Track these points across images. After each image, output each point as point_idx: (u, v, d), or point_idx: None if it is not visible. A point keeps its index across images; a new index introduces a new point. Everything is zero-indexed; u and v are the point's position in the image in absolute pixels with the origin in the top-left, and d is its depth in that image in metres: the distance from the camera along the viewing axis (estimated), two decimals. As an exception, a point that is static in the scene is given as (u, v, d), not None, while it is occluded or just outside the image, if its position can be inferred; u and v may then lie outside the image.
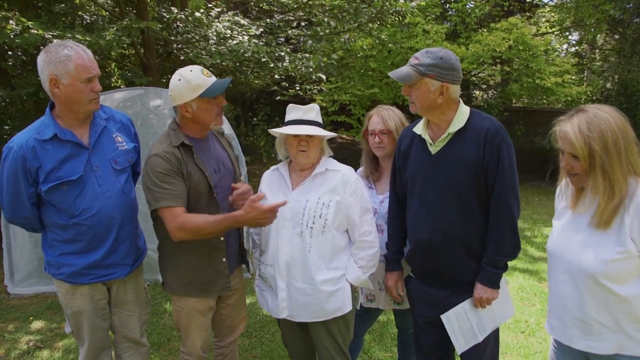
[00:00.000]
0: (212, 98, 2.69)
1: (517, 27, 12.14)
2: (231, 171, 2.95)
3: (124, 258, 2.82)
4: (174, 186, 2.60)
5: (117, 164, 2.78)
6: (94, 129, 2.74)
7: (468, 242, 2.64)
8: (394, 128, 3.15)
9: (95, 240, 2.71)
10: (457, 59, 2.57)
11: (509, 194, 2.55)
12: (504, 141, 2.55)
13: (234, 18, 8.53)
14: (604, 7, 14.22)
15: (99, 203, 2.68)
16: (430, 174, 2.68)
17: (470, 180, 2.57)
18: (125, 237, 2.80)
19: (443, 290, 2.75)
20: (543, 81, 12.64)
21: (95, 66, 2.61)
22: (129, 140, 2.91)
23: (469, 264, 2.66)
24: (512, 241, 2.59)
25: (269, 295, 2.92)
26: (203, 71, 2.69)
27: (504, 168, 2.53)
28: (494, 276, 2.62)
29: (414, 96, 2.60)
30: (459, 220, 2.62)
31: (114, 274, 2.81)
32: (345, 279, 2.82)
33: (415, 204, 2.78)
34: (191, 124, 2.76)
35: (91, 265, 2.73)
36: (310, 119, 2.81)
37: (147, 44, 9.09)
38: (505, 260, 2.62)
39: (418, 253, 2.80)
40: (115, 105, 5.84)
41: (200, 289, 2.84)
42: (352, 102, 11.82)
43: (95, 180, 2.69)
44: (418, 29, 11.08)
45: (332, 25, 9.11)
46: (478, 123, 2.60)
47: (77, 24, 7.97)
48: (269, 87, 12.37)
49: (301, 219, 2.75)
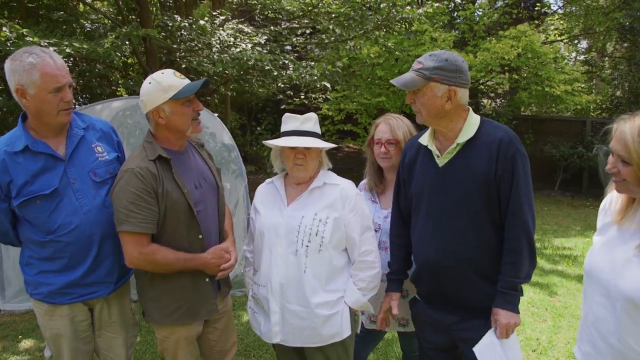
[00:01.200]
0: (186, 101, 2.52)
1: (526, 35, 11.98)
2: (214, 185, 2.76)
3: (106, 275, 2.63)
4: (144, 210, 2.43)
5: (97, 175, 2.59)
6: (71, 139, 2.55)
7: (479, 263, 2.43)
8: (402, 138, 2.95)
9: (75, 257, 2.52)
10: (463, 60, 2.38)
11: (525, 209, 2.34)
12: (519, 152, 2.34)
13: (238, 26, 8.41)
14: (614, 15, 14.05)
15: (78, 218, 2.50)
16: (437, 188, 2.48)
17: (482, 195, 2.37)
18: (107, 254, 2.61)
19: (451, 314, 2.54)
20: (552, 89, 12.48)
21: (65, 74, 2.41)
22: (110, 149, 2.72)
23: (481, 287, 2.44)
24: (529, 261, 2.38)
25: (262, 318, 2.72)
26: (175, 73, 2.54)
27: (518, 181, 2.32)
28: (515, 299, 2.40)
29: (420, 103, 2.40)
30: (469, 239, 2.41)
31: (95, 293, 2.61)
32: (344, 301, 2.63)
33: (420, 221, 2.58)
34: (166, 132, 2.57)
35: (71, 284, 2.54)
36: (307, 130, 2.63)
37: (150, 52, 9.00)
38: (523, 282, 2.41)
39: (424, 274, 2.60)
40: (114, 115, 5.72)
41: (185, 316, 2.64)
42: (359, 111, 11.73)
43: (72, 193, 2.50)
44: (426, 37, 10.94)
45: (337, 32, 8.96)
46: (490, 133, 2.40)
47: (77, 32, 7.87)
48: (274, 96, 12.27)
49: (296, 236, 2.56)
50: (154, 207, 2.45)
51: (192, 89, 2.50)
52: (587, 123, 14.41)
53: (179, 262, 2.52)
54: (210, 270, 2.64)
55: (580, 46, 19.84)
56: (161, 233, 2.51)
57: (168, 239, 2.53)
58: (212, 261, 2.61)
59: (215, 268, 2.64)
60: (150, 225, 2.45)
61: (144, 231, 2.43)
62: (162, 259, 2.48)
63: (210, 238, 2.67)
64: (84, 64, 9.09)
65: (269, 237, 2.62)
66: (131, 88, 7.97)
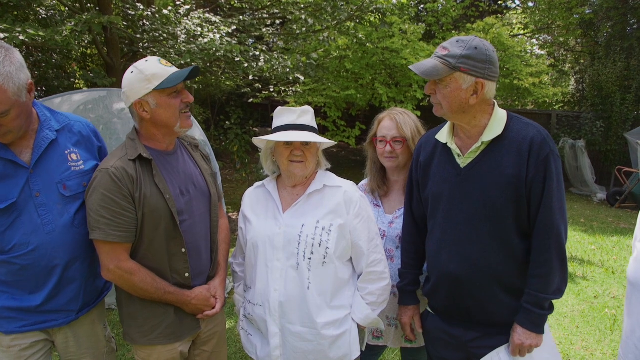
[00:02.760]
0: (173, 92, 2.19)
1: (494, 28, 11.95)
2: (205, 192, 2.42)
3: (68, 303, 2.24)
4: (117, 217, 2.11)
5: (67, 189, 2.19)
6: (38, 143, 2.14)
7: (505, 276, 2.17)
8: (410, 136, 2.67)
9: (31, 283, 2.14)
10: (494, 50, 2.09)
11: (557, 217, 2.08)
12: (553, 153, 2.07)
13: (204, 15, 8.02)
14: (578, 10, 14.21)
15: (38, 238, 2.10)
16: (459, 192, 2.21)
17: (510, 201, 2.10)
18: (73, 278, 2.22)
19: (471, 330, 2.28)
20: (520, 82, 12.50)
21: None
22: (88, 157, 2.32)
23: (506, 302, 2.19)
24: (561, 275, 2.12)
25: (258, 341, 2.41)
26: (161, 61, 2.21)
27: (551, 186, 2.05)
28: (539, 318, 2.12)
29: (441, 95, 2.11)
30: (494, 250, 2.15)
31: (54, 322, 2.23)
32: (351, 318, 2.35)
33: (438, 228, 2.30)
34: (152, 128, 2.24)
35: (26, 311, 2.15)
36: (305, 124, 2.32)
37: (111, 42, 8.49)
38: (553, 298, 2.13)
39: (442, 288, 2.33)
40: (75, 109, 5.27)
41: (165, 335, 2.30)
42: (327, 105, 11.43)
43: (34, 209, 2.10)
44: (394, 29, 10.74)
45: (309, 23, 8.65)
46: (519, 131, 2.12)
47: (31, 18, 7.31)
48: (239, 89, 11.88)
49: (296, 248, 2.26)
50: (130, 214, 2.14)
51: (179, 78, 2.16)
52: (552, 116, 14.57)
53: (157, 292, 2.22)
54: (190, 311, 2.33)
55: (542, 39, 20.08)
56: (138, 243, 2.20)
57: (146, 250, 2.22)
58: (193, 303, 2.31)
59: (196, 311, 2.34)
60: (124, 234, 2.13)
61: (116, 240, 2.12)
62: (140, 282, 2.18)
63: (196, 253, 2.34)
64: (39, 54, 8.50)
65: (264, 250, 2.31)
66: (91, 80, 7.47)
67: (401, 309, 2.56)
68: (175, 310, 2.30)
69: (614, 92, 13.38)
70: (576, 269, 6.81)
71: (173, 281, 2.27)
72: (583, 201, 12.23)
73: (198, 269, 2.36)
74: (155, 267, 2.24)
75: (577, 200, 12.25)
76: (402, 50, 10.21)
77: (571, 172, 13.27)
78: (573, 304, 5.57)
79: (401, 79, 10.93)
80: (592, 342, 4.65)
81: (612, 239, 8.44)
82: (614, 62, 13.66)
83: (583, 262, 7.13)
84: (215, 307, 2.38)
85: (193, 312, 2.34)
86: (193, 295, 2.30)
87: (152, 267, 2.23)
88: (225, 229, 2.57)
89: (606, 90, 13.50)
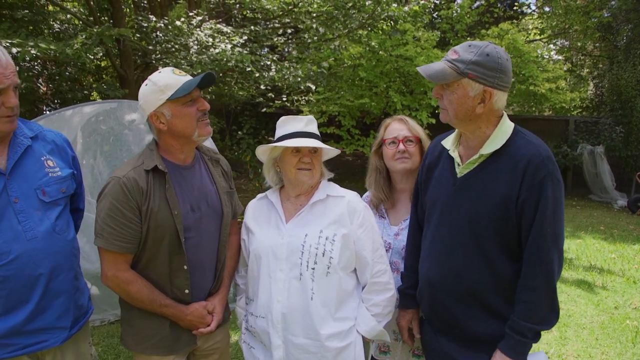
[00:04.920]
0: (188, 100, 2.15)
1: (508, 34, 11.84)
2: (217, 211, 2.37)
3: (58, 319, 2.13)
4: (121, 227, 2.10)
5: (46, 195, 2.13)
6: (14, 149, 2.09)
7: (485, 295, 2.07)
8: (424, 136, 2.60)
9: (14, 297, 2.01)
10: (508, 58, 1.98)
11: (549, 245, 1.94)
12: (551, 176, 1.93)
13: (216, 26, 8.05)
14: (595, 14, 14.02)
15: (19, 246, 2.01)
16: (452, 202, 2.13)
17: (497, 221, 1.99)
18: (60, 291, 2.13)
19: (452, 343, 2.19)
20: (537, 88, 12.35)
21: (10, 73, 1.97)
22: (64, 165, 2.26)
23: (487, 321, 2.08)
24: (547, 305, 1.99)
25: (261, 354, 2.35)
26: (174, 71, 2.19)
27: (545, 212, 1.92)
28: (520, 346, 2.00)
29: (448, 101, 2.02)
30: (475, 266, 2.05)
31: (44, 342, 2.10)
32: (356, 330, 2.28)
33: (429, 235, 2.24)
34: (170, 139, 2.21)
35: (10, 332, 2.02)
36: (312, 132, 2.30)
37: (124, 54, 8.59)
38: (538, 329, 2.00)
39: (425, 295, 2.26)
40: (86, 120, 5.30)
41: (159, 347, 2.26)
42: (342, 113, 11.41)
43: (13, 215, 2.02)
44: (408, 37, 10.69)
45: (320, 31, 8.63)
46: (519, 147, 2.00)
47: (45, 32, 7.40)
48: (254, 98, 11.91)
49: (300, 258, 2.21)
50: (135, 226, 2.12)
51: (191, 85, 2.13)
52: (570, 122, 14.35)
53: (153, 304, 2.19)
54: (185, 326, 2.29)
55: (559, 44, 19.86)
56: (141, 254, 2.19)
57: (148, 262, 2.20)
58: (189, 318, 2.26)
59: (191, 326, 2.29)
60: (126, 245, 2.12)
61: (117, 250, 2.11)
62: (136, 293, 2.17)
63: (199, 271, 2.30)
64: (53, 67, 8.61)
65: (267, 261, 2.26)
66: (104, 92, 7.54)
67: (400, 312, 2.47)
68: (170, 324, 2.26)
69: (633, 96, 13.13)
70: (595, 278, 6.64)
71: (172, 295, 2.23)
72: (603, 208, 11.99)
73: (199, 286, 2.31)
74: (156, 280, 2.21)
75: (597, 208, 12.01)
76: (416, 58, 10.16)
77: (590, 178, 13.05)
78: (592, 315, 5.42)
79: (415, 86, 10.87)
80: (612, 356, 4.49)
81: (634, 247, 8.23)
82: (633, 66, 13.40)
83: (603, 271, 6.95)
84: (210, 325, 2.32)
85: (188, 327, 2.29)
86: (188, 311, 2.25)
87: (153, 280, 2.21)
88: (235, 246, 2.52)
89: (625, 94, 13.26)
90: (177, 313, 2.23)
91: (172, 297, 2.23)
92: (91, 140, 5.29)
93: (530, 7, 18.58)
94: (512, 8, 17.79)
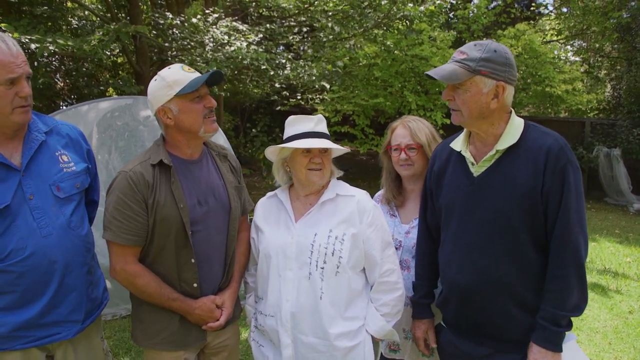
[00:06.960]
0: (195, 97, 2.19)
1: (525, 34, 11.75)
2: (225, 205, 2.38)
3: (71, 313, 2.15)
4: (128, 220, 2.14)
5: (61, 190, 2.13)
6: (28, 144, 2.09)
7: (518, 291, 2.07)
8: (425, 142, 2.60)
9: (30, 291, 2.04)
10: (511, 53, 2.03)
11: (576, 230, 1.97)
12: (570, 163, 1.98)
13: (232, 24, 8.09)
14: (614, 15, 13.84)
15: (34, 242, 2.02)
16: (472, 202, 2.13)
17: (523, 212, 2.01)
18: (73, 286, 2.14)
19: (482, 346, 2.18)
20: (553, 89, 12.24)
21: (22, 62, 1.95)
22: (78, 159, 2.26)
23: (520, 318, 2.08)
24: (579, 291, 2.00)
25: (270, 352, 2.36)
26: (183, 67, 2.23)
27: (569, 198, 1.96)
28: (555, 336, 2.01)
29: (460, 101, 2.04)
30: (507, 263, 2.06)
31: (57, 335, 2.12)
32: (365, 330, 2.29)
33: (450, 239, 2.23)
34: (177, 134, 2.25)
35: (25, 325, 2.04)
36: (322, 132, 2.31)
37: (140, 51, 8.67)
38: (571, 315, 2.02)
39: (452, 300, 2.25)
40: (102, 116, 5.37)
41: (168, 342, 2.28)
42: (356, 112, 11.41)
43: (29, 212, 2.03)
44: (424, 36, 10.67)
45: (336, 30, 8.64)
46: (536, 139, 2.04)
47: (63, 29, 7.49)
48: (268, 96, 11.96)
49: (309, 257, 2.22)
50: (141, 219, 2.16)
51: (199, 82, 2.17)
52: (586, 124, 14.19)
53: (161, 298, 2.21)
54: (193, 320, 2.30)
55: (576, 45, 19.66)
56: (149, 248, 2.22)
57: (156, 255, 2.23)
58: (196, 313, 2.27)
59: (200, 321, 2.30)
60: (133, 237, 2.16)
61: (124, 243, 2.15)
62: (143, 286, 2.20)
63: (207, 264, 2.31)
64: (70, 63, 8.70)
65: (277, 260, 2.27)
66: (120, 88, 7.63)
67: (415, 323, 2.48)
68: (180, 319, 2.28)
69: (652, 98, 12.97)
70: (609, 282, 6.57)
71: (181, 289, 2.25)
72: (618, 211, 11.84)
73: (208, 280, 2.33)
74: (164, 274, 2.24)
75: (612, 211, 11.87)
76: (431, 58, 10.14)
77: (606, 181, 12.89)
78: (605, 319, 5.36)
79: (430, 86, 10.85)
80: None
81: (649, 251, 8.14)
82: (652, 69, 13.26)
83: (617, 275, 6.87)
84: (219, 320, 2.33)
85: (197, 321, 2.30)
86: (197, 305, 2.27)
87: (161, 273, 2.23)
88: (245, 242, 2.53)
89: (644, 96, 13.10)
90: (186, 307, 2.25)
91: (180, 291, 2.25)
92: (106, 135, 5.35)
93: (547, 8, 18.40)
94: (529, 8, 17.64)
